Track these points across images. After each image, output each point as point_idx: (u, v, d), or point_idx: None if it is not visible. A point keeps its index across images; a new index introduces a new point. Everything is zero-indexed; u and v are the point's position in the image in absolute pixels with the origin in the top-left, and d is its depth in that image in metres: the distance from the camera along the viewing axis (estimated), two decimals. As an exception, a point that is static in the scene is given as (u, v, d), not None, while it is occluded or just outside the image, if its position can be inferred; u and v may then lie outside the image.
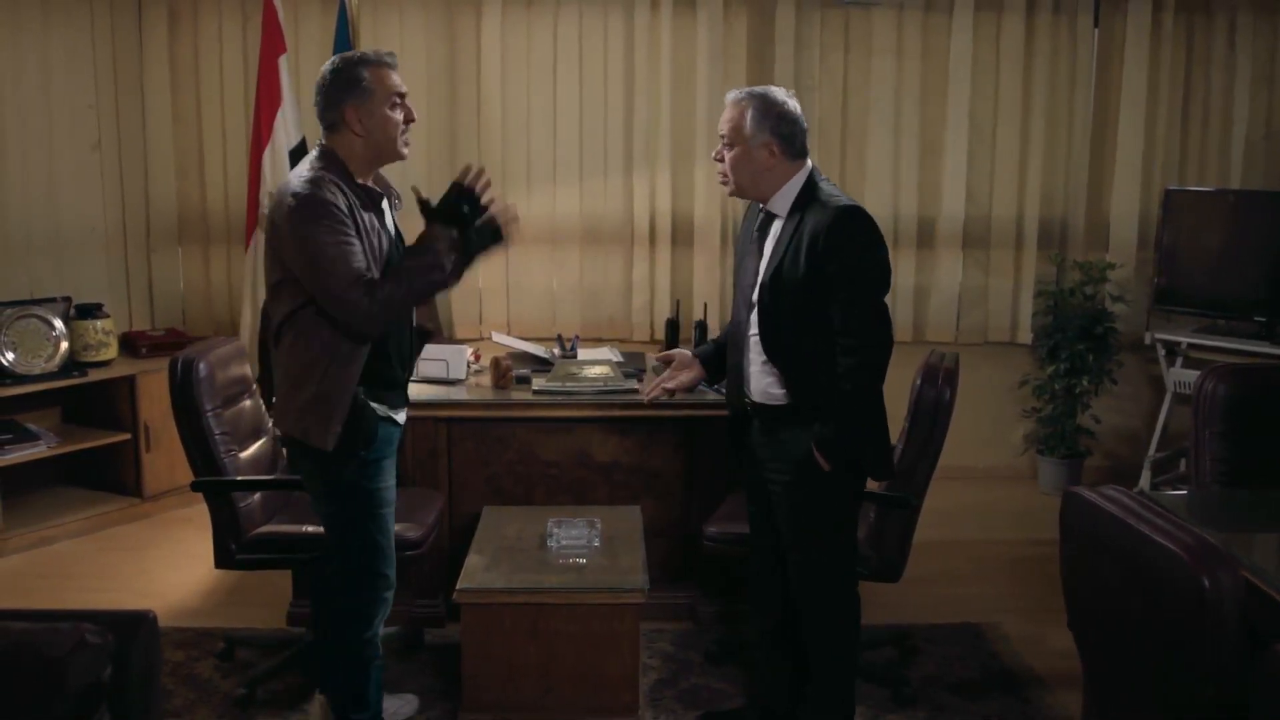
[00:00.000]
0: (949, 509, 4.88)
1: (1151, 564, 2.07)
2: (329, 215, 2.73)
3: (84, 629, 2.02)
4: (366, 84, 2.81)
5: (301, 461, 2.95)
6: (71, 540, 4.81)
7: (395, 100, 2.85)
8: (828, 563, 3.01)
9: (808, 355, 2.86)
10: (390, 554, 3.01)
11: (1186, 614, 1.98)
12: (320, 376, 2.80)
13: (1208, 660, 1.96)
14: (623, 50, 5.45)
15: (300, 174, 2.82)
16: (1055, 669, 3.67)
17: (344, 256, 2.73)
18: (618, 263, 5.58)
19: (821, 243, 2.77)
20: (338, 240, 2.73)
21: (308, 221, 2.72)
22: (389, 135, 2.86)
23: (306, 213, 2.73)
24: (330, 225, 2.73)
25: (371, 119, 2.83)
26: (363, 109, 2.82)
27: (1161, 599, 2.06)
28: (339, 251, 2.72)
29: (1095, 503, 2.28)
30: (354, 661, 3.03)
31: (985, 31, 5.48)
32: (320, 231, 2.72)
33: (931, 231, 5.61)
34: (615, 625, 3.24)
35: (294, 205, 2.74)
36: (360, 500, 2.93)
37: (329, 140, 2.87)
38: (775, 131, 2.86)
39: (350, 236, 2.76)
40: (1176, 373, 5.24)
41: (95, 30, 5.24)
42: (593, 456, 3.94)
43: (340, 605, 3.02)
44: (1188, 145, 5.59)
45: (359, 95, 2.81)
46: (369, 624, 3.00)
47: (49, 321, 4.88)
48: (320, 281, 2.73)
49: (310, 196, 2.74)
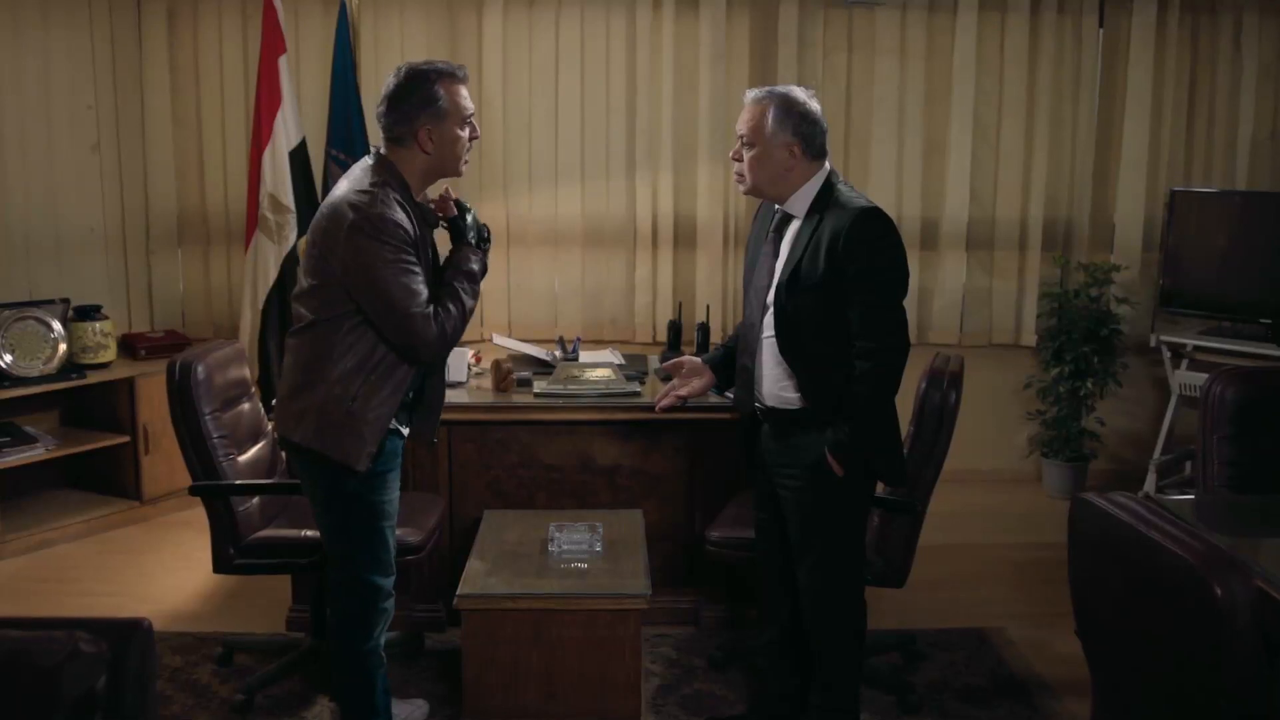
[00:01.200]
0: (953, 512, 4.84)
1: (1163, 572, 2.04)
2: (393, 235, 2.68)
3: (78, 637, 1.99)
4: (443, 103, 2.75)
5: (305, 469, 2.90)
6: (70, 543, 4.78)
7: (465, 119, 2.80)
8: (837, 568, 2.98)
9: (823, 358, 2.83)
10: (389, 566, 2.96)
11: (1199, 623, 1.95)
12: (358, 393, 2.75)
13: (1221, 671, 1.92)
14: (625, 50, 5.42)
15: (360, 186, 2.74)
16: (1062, 675, 3.64)
17: (411, 281, 2.70)
18: (620, 264, 5.55)
19: (841, 244, 2.74)
20: (402, 261, 2.69)
21: (371, 238, 2.67)
22: (456, 155, 2.81)
23: (369, 229, 2.67)
24: (395, 245, 2.68)
25: (443, 139, 2.78)
26: (436, 130, 2.76)
27: (1173, 608, 2.02)
28: (406, 275, 2.69)
29: (1105, 509, 2.24)
30: (358, 670, 2.99)
31: (989, 31, 5.45)
32: (384, 250, 2.67)
33: (935, 233, 5.58)
34: (617, 631, 3.21)
35: (355, 220, 2.67)
36: (362, 512, 2.89)
37: (390, 152, 2.80)
38: (797, 132, 2.83)
39: (414, 260, 2.72)
40: (1182, 375, 5.21)
41: (94, 31, 5.21)
42: (594, 460, 3.91)
43: (339, 615, 2.99)
44: (1193, 146, 5.56)
45: (434, 115, 2.75)
46: (369, 634, 2.97)
47: (47, 323, 4.85)
48: (382, 303, 2.69)
49: (374, 212, 2.68)
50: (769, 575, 3.15)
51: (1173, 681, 2.08)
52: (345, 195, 2.73)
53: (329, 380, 2.76)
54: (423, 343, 2.73)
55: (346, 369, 2.75)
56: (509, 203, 5.50)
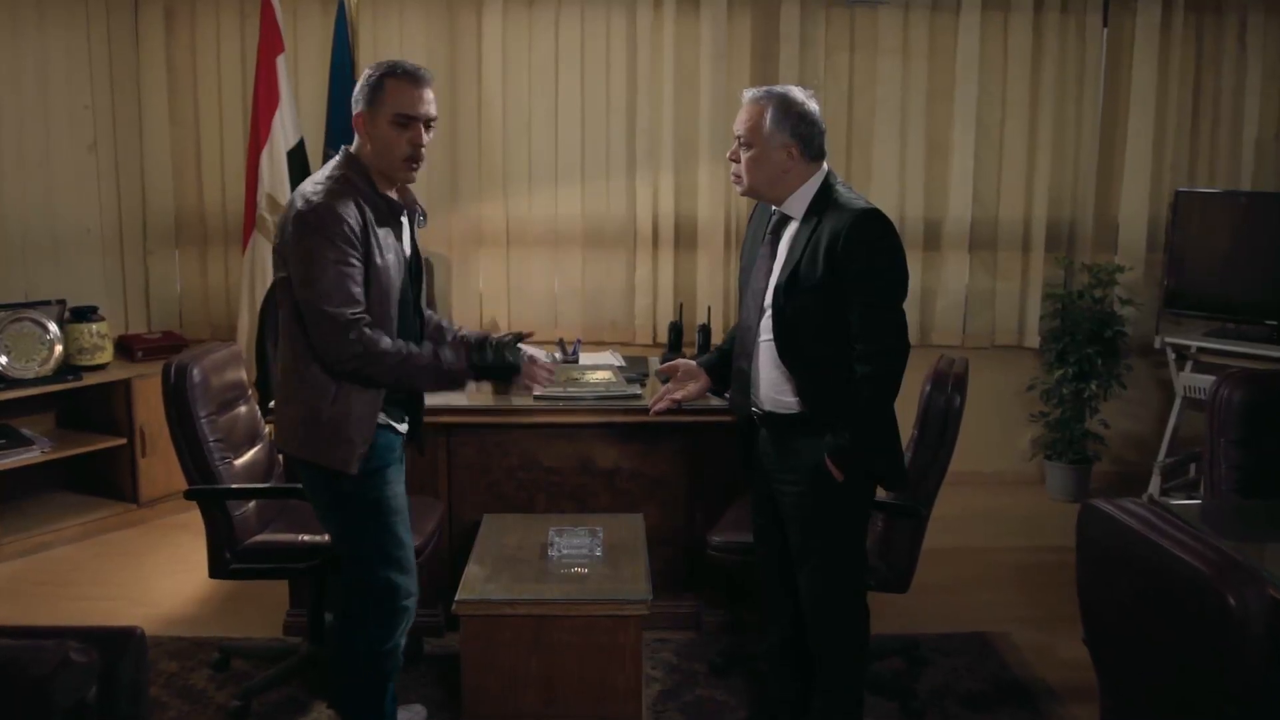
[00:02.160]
0: (955, 515, 4.81)
1: (1174, 580, 2.00)
2: (336, 230, 2.65)
3: (68, 647, 1.95)
4: (380, 94, 2.74)
5: (302, 474, 2.88)
6: (66, 546, 4.75)
7: (400, 120, 2.74)
8: (838, 574, 2.94)
9: (822, 361, 2.79)
10: (406, 562, 2.93)
11: (1211, 633, 1.91)
12: (336, 394, 2.73)
13: (1234, 681, 1.88)
14: (625, 50, 5.39)
15: (317, 179, 2.75)
16: (1067, 680, 3.61)
17: (343, 281, 2.65)
18: (620, 265, 5.52)
19: (840, 245, 2.70)
20: (341, 260, 2.64)
21: (313, 231, 2.65)
22: (388, 153, 2.76)
23: (313, 220, 2.65)
24: (337, 241, 2.64)
25: (375, 131, 2.75)
26: (367, 117, 2.75)
27: (1184, 617, 1.98)
28: (337, 272, 2.64)
29: (1114, 515, 2.21)
30: (373, 675, 2.95)
31: (993, 31, 5.42)
32: (323, 245, 2.64)
33: (938, 233, 5.55)
34: (618, 637, 3.17)
35: (302, 210, 2.67)
36: (365, 510, 2.86)
37: (356, 144, 2.81)
38: (795, 133, 2.79)
39: (353, 260, 2.67)
40: (1186, 377, 5.18)
41: (91, 30, 5.18)
42: (595, 463, 3.88)
43: (355, 618, 2.94)
44: (1198, 146, 5.53)
45: (369, 103, 2.75)
46: (389, 635, 2.92)
47: (44, 325, 4.82)
48: (308, 295, 2.66)
49: (321, 205, 2.66)
50: (769, 580, 3.11)
51: (1182, 690, 2.04)
52: (301, 188, 2.74)
53: (306, 384, 2.74)
54: (333, 347, 2.66)
55: (318, 371, 2.72)
56: (508, 203, 5.47)
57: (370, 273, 2.71)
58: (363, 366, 2.69)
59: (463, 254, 5.48)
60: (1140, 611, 2.15)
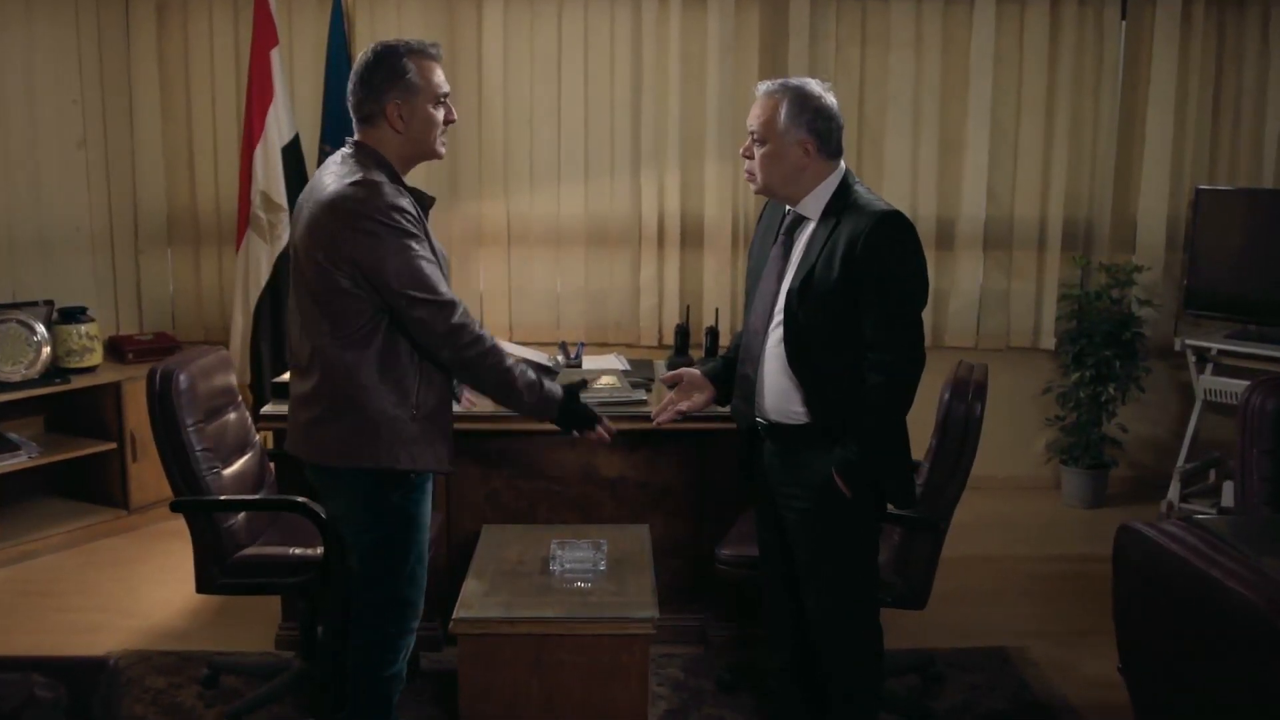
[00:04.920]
0: (969, 521, 4.65)
1: (1223, 612, 1.86)
2: (401, 222, 2.54)
3: (34, 681, 1.82)
4: (412, 77, 2.61)
5: (344, 487, 2.72)
6: (54, 554, 4.63)
7: (441, 98, 2.67)
8: (847, 593, 2.80)
9: (833, 371, 2.65)
10: (423, 583, 2.83)
11: (1263, 666, 1.77)
12: (419, 396, 2.65)
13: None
14: (630, 44, 5.26)
15: (349, 177, 2.56)
16: (1090, 699, 3.48)
17: (430, 269, 2.57)
18: (624, 265, 5.39)
19: (859, 250, 2.56)
20: (415, 250, 2.55)
21: (382, 225, 2.52)
22: (429, 135, 2.67)
23: (379, 216, 2.52)
24: (406, 233, 2.54)
25: (414, 116, 2.63)
26: (405, 105, 2.62)
27: (1235, 651, 1.85)
28: (424, 263, 2.56)
29: (1154, 539, 2.07)
30: (379, 698, 2.83)
31: (1008, 24, 5.28)
32: (399, 239, 2.53)
33: (951, 232, 5.42)
34: (622, 656, 3.04)
35: (357, 210, 2.51)
36: (405, 526, 2.75)
37: (364, 135, 2.66)
38: (811, 128, 2.65)
39: (426, 248, 2.59)
40: (1207, 380, 5.04)
41: (80, 23, 5.05)
42: (598, 471, 3.75)
43: (368, 639, 2.81)
44: (1219, 142, 5.39)
45: (404, 89, 2.61)
46: (396, 657, 2.82)
47: (30, 326, 4.68)
48: (407, 289, 2.54)
49: (377, 202, 2.52)
50: (773, 600, 2.97)
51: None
52: (338, 190, 2.55)
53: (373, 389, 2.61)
54: (441, 329, 2.58)
55: (397, 372, 2.62)
56: (510, 201, 5.35)
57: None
58: (478, 354, 2.63)
59: (463, 253, 5.36)
60: (1184, 642, 2.01)
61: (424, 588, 2.83)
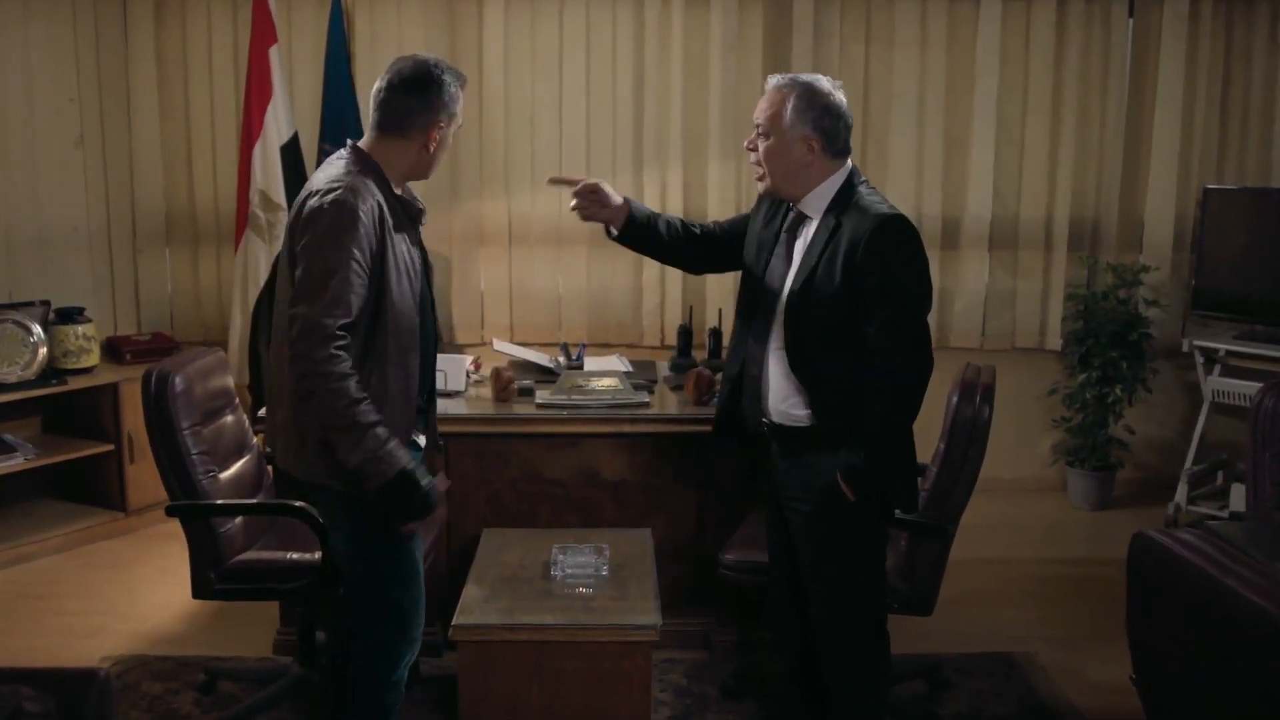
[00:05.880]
0: (974, 524, 4.59)
1: (1240, 623, 1.82)
2: (351, 230, 2.44)
3: (22, 694, 1.78)
4: (457, 108, 2.63)
5: (323, 493, 2.66)
6: (51, 557, 4.58)
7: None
8: (853, 598, 2.76)
9: (836, 374, 2.61)
10: (418, 591, 2.76)
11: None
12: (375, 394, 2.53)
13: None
14: (632, 41, 5.21)
15: (333, 176, 2.53)
16: (1098, 705, 3.44)
17: (345, 289, 2.43)
18: (627, 265, 5.34)
19: (861, 253, 2.51)
20: (345, 261, 2.43)
21: (330, 224, 2.44)
22: (439, 161, 2.67)
23: (332, 212, 2.45)
24: (349, 246, 2.44)
25: (444, 144, 2.64)
26: (444, 131, 2.62)
27: (1253, 662, 1.80)
28: (341, 277, 2.42)
29: (1169, 547, 2.02)
30: (377, 705, 2.78)
31: (1014, 22, 5.23)
32: (336, 246, 2.43)
33: (956, 232, 5.37)
34: (625, 664, 2.99)
35: (317, 205, 2.47)
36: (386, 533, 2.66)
37: (375, 143, 2.61)
38: (817, 125, 2.61)
39: (361, 270, 2.45)
40: (1215, 381, 4.99)
41: (78, 20, 5.00)
42: (600, 474, 3.70)
43: (365, 645, 2.76)
44: (1227, 141, 5.34)
45: (449, 115, 2.61)
46: (395, 665, 2.76)
47: (27, 326, 4.64)
48: (305, 292, 2.44)
49: (345, 204, 2.45)
50: (777, 603, 2.93)
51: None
52: (315, 186, 2.54)
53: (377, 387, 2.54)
54: (306, 352, 2.40)
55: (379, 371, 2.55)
56: (511, 200, 5.30)
57: (384, 281, 2.51)
58: (320, 384, 2.41)
59: (463, 253, 5.31)
60: (1200, 652, 1.97)
61: (420, 595, 2.77)
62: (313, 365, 2.41)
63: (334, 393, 2.41)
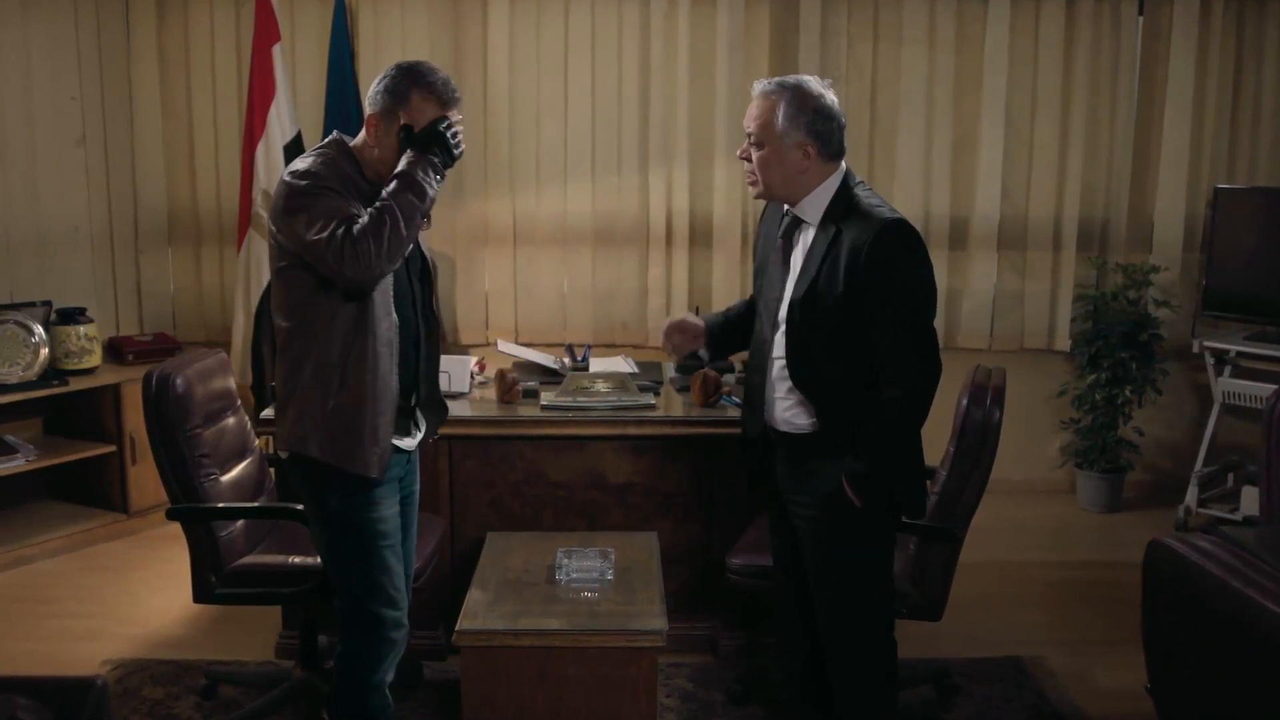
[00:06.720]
0: (983, 526, 4.53)
1: (1260, 632, 1.77)
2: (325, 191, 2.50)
3: (16, 703, 1.74)
4: (400, 104, 2.55)
5: (293, 481, 2.72)
6: (52, 559, 4.55)
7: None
8: (859, 605, 2.72)
9: (840, 382, 2.57)
10: (393, 593, 2.75)
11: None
12: (340, 382, 2.55)
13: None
14: (638, 40, 5.17)
15: (303, 158, 2.61)
16: (1108, 711, 3.40)
17: (331, 208, 2.48)
18: (632, 265, 5.31)
19: (863, 260, 2.47)
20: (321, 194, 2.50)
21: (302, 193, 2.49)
22: (389, 167, 2.58)
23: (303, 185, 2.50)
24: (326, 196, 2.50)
25: (386, 141, 2.58)
26: (379, 121, 2.58)
27: (1275, 673, 1.76)
28: (327, 205, 2.48)
29: (1186, 555, 1.98)
30: (360, 710, 2.78)
31: (1023, 20, 5.19)
32: (313, 201, 2.48)
33: (964, 232, 5.32)
34: (630, 670, 2.95)
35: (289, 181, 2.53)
36: (349, 534, 2.68)
37: (357, 134, 2.64)
38: (811, 130, 2.54)
39: (336, 196, 2.51)
40: (1225, 383, 4.95)
41: (79, 18, 4.97)
42: (605, 477, 3.67)
43: (344, 645, 2.79)
44: (1238, 140, 5.29)
45: (384, 108, 2.57)
46: (375, 668, 2.75)
47: (28, 327, 4.61)
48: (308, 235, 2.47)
49: (309, 174, 2.52)
50: (788, 603, 2.90)
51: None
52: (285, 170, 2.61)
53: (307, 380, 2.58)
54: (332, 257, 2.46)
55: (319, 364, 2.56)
56: (516, 200, 5.26)
57: None
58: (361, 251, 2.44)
59: (468, 253, 5.28)
60: (1218, 661, 1.93)
61: (398, 599, 2.77)
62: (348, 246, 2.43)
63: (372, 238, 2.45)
